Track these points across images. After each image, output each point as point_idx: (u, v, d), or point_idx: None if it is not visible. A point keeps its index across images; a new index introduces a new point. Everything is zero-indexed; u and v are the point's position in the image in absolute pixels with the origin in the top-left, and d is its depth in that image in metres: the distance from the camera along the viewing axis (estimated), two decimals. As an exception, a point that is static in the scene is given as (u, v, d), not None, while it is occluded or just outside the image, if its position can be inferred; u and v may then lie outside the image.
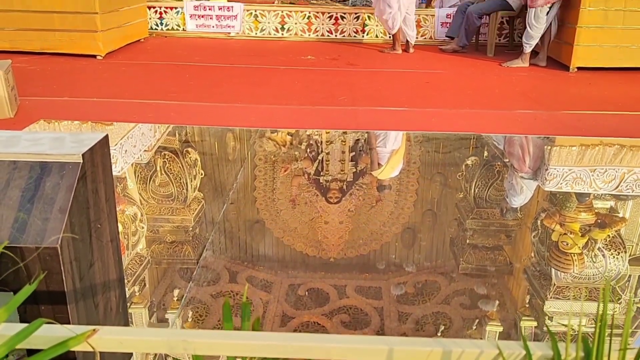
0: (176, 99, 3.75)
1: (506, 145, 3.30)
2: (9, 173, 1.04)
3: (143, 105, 3.61)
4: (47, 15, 4.77)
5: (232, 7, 6.27)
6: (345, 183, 2.72)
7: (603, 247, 2.18)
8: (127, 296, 1.73)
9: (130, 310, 1.68)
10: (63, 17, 4.78)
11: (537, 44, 5.02)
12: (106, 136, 1.19)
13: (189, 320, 1.65)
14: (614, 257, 2.11)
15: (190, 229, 2.24)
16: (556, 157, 3.14)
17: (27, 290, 0.76)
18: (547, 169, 2.93)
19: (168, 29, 6.30)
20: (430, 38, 6.23)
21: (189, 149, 3.09)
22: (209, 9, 6.27)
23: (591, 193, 2.67)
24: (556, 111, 3.71)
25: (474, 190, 2.69)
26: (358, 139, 3.36)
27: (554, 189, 2.72)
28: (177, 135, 3.31)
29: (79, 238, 1.06)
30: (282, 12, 6.32)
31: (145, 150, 3.03)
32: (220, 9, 6.27)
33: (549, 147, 3.24)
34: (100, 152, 1.15)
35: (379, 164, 3.09)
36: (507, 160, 3.10)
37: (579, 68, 4.85)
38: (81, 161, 1.06)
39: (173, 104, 3.65)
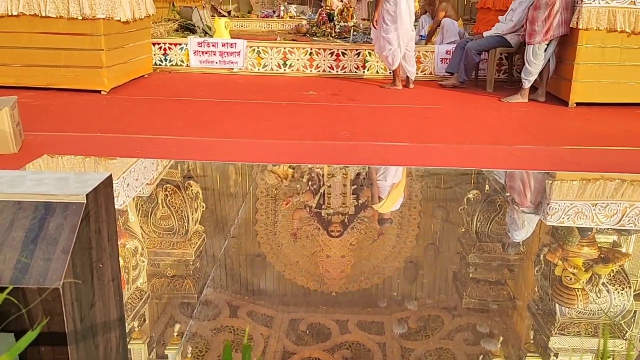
0: (179, 134, 3.79)
1: (507, 180, 3.31)
2: (13, 213, 1.05)
3: (146, 140, 3.65)
4: (53, 51, 4.86)
5: (235, 43, 6.39)
6: (346, 216, 2.73)
7: (607, 282, 2.17)
8: (127, 331, 1.72)
9: (129, 346, 1.67)
10: (69, 54, 4.87)
11: (536, 79, 5.09)
12: (110, 176, 1.20)
13: (189, 356, 1.63)
14: (618, 292, 2.10)
15: (191, 262, 2.24)
16: (557, 192, 3.15)
17: (29, 337, 0.76)
18: (548, 203, 2.94)
19: (172, 65, 6.40)
20: (430, 74, 6.32)
21: (191, 182, 3.11)
22: (213, 46, 6.38)
23: (593, 227, 2.67)
24: (556, 146, 3.74)
25: (476, 225, 2.69)
26: (359, 172, 3.38)
27: (555, 223, 2.72)
28: (179, 168, 3.33)
29: (81, 278, 1.06)
30: (285, 48, 6.43)
31: (147, 184, 3.05)
32: (223, 45, 6.39)
33: (550, 182, 3.26)
34: (103, 192, 1.16)
35: (380, 197, 3.09)
36: (508, 194, 3.11)
37: (577, 103, 4.91)
38: (85, 201, 1.07)
39: (176, 139, 3.68)
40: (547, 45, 4.93)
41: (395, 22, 5.38)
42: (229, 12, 9.60)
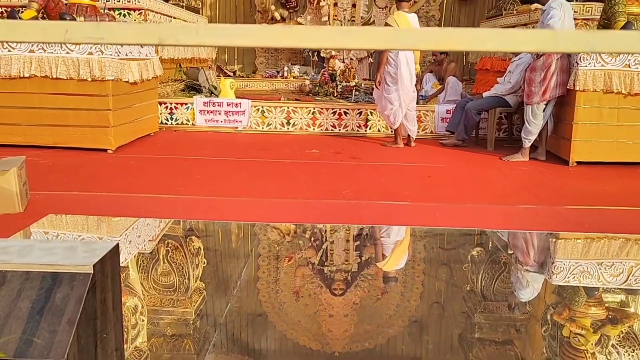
0: (183, 192, 3.82)
1: (510, 240, 3.30)
2: (21, 284, 1.05)
3: (150, 199, 3.67)
4: (62, 111, 4.97)
5: (240, 103, 6.53)
6: (350, 274, 2.71)
7: (617, 344, 2.13)
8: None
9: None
10: (77, 114, 4.97)
11: (535, 138, 5.16)
12: (117, 245, 1.21)
13: None
14: (628, 354, 2.06)
15: (191, 321, 2.21)
16: (562, 251, 3.14)
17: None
18: (553, 262, 2.92)
19: (178, 124, 6.52)
20: (431, 132, 6.42)
21: (193, 241, 3.11)
22: (218, 105, 6.52)
23: (600, 287, 2.64)
24: (558, 206, 3.75)
25: (481, 283, 2.66)
26: (362, 231, 3.38)
27: (561, 282, 2.70)
28: (181, 225, 3.33)
29: (85, 350, 1.05)
30: (288, 108, 6.56)
31: (149, 240, 3.05)
32: (228, 104, 6.53)
33: (554, 241, 3.25)
34: (110, 262, 1.17)
35: (383, 256, 3.08)
36: (512, 253, 3.09)
37: (578, 162, 4.95)
38: (92, 272, 1.08)
39: (180, 198, 3.71)
40: (546, 105, 5.03)
41: (396, 83, 5.52)
42: (234, 72, 9.86)
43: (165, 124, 6.51)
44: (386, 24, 5.59)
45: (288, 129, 6.56)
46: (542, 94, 4.96)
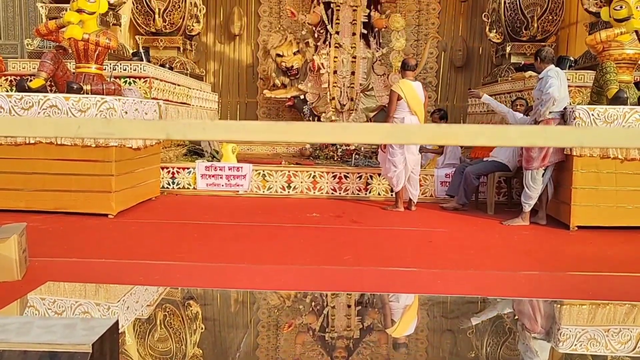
0: (183, 259, 3.80)
1: (515, 307, 3.25)
2: (17, 365, 1.04)
3: (150, 266, 3.65)
4: (65, 177, 5.02)
5: (241, 167, 6.61)
6: (351, 341, 2.65)
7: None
8: None
9: None
10: (80, 179, 5.02)
11: (535, 202, 5.19)
12: (116, 322, 1.20)
13: None
14: None
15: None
16: (567, 318, 3.08)
17: None
18: (559, 330, 2.86)
19: (179, 188, 6.57)
20: (431, 196, 6.46)
21: (191, 305, 3.06)
22: (220, 169, 6.60)
23: (608, 355, 2.58)
24: (561, 272, 3.72)
25: (486, 350, 2.60)
26: (363, 296, 3.34)
27: (568, 350, 2.63)
28: (180, 292, 3.29)
29: None
30: (289, 171, 6.63)
31: (147, 306, 3.01)
32: (230, 169, 6.60)
33: (559, 308, 3.20)
34: (109, 339, 1.16)
35: (385, 323, 3.02)
36: (518, 321, 3.04)
37: (579, 227, 4.95)
38: (90, 351, 1.06)
39: (180, 264, 3.69)
40: (545, 170, 5.09)
41: (401, 147, 5.62)
42: (235, 136, 10.01)
43: (167, 188, 6.56)
44: (392, 92, 5.75)
45: (289, 192, 6.61)
46: (541, 159, 5.03)
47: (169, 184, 6.58)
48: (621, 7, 5.16)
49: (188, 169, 6.60)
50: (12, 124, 0.64)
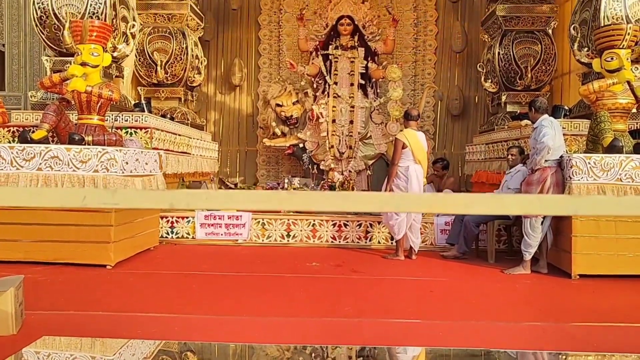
0: (181, 311, 3.75)
1: (519, 359, 3.19)
2: None
3: (147, 319, 3.60)
4: (64, 227, 5.01)
5: (240, 216, 6.61)
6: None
7: None
8: None
9: None
10: (79, 230, 5.01)
11: (536, 251, 5.17)
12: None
13: None
14: None
15: None
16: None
17: None
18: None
19: (178, 237, 6.55)
20: (431, 244, 6.43)
21: (189, 356, 3.00)
22: (219, 218, 6.60)
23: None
24: (564, 323, 3.67)
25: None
26: (364, 350, 3.27)
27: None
28: (177, 345, 3.23)
29: None
30: (288, 220, 6.63)
31: (144, 358, 2.95)
32: (229, 217, 6.60)
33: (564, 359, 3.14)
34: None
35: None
36: (521, 377, 2.97)
37: (580, 275, 4.91)
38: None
39: (178, 317, 3.64)
40: (544, 218, 5.10)
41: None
42: (235, 185, 10.07)
43: (166, 237, 6.54)
44: (397, 140, 5.83)
45: (288, 241, 6.58)
46: None
47: (168, 234, 6.56)
48: (612, 58, 5.30)
49: (187, 218, 6.59)
50: (20, 194, 0.65)
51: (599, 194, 4.86)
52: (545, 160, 4.99)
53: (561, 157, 5.10)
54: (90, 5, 6.53)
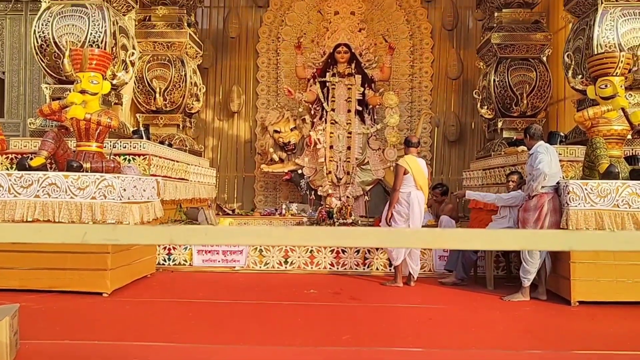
0: (177, 340, 3.71)
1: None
2: None
3: (143, 347, 3.56)
4: (60, 255, 4.98)
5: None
6: None
7: None
8: None
9: None
10: (75, 257, 4.98)
11: (535, 277, 5.14)
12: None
13: None
14: None
15: None
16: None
17: None
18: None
19: (175, 264, 6.51)
20: (430, 270, 6.40)
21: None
22: (216, 245, 6.57)
23: None
24: (565, 351, 3.63)
25: None
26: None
27: None
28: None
29: None
30: (286, 246, 6.60)
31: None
32: (226, 244, 6.57)
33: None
34: None
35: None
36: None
37: (580, 302, 4.88)
38: None
39: (174, 346, 3.60)
40: None
41: (406, 222, 5.67)
42: (233, 211, 10.05)
43: (163, 264, 6.49)
44: (398, 166, 5.86)
45: (286, 267, 6.54)
46: None
47: (165, 260, 6.52)
48: (606, 85, 5.37)
49: (184, 245, 6.57)
50: (21, 231, 0.65)
51: (596, 220, 4.87)
52: (542, 187, 5.01)
53: (557, 183, 5.12)
54: (91, 34, 6.61)
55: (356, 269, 6.52)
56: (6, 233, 0.69)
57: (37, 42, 6.73)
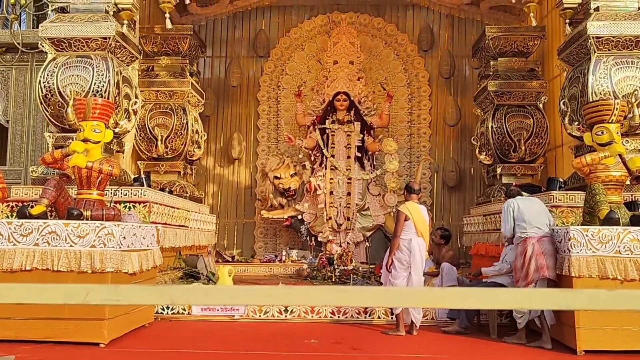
0: (175, 393, 3.62)
1: None
2: None
3: (140, 401, 3.47)
4: (57, 305, 4.90)
5: (237, 290, 6.51)
6: None
7: None
8: None
9: None
10: (72, 306, 4.90)
11: (538, 326, 5.07)
12: None
13: None
14: None
15: None
16: None
17: None
18: None
19: (174, 313, 6.41)
20: (432, 319, 6.29)
21: None
22: (215, 293, 6.48)
23: None
24: (572, 403, 3.54)
25: None
26: None
27: None
28: None
29: None
30: (286, 294, 6.52)
31: None
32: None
33: None
34: None
35: None
36: None
37: (586, 351, 4.79)
38: None
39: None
40: (535, 286, 5.18)
41: (406, 270, 5.65)
42: (232, 257, 9.99)
43: (161, 313, 6.39)
44: (399, 212, 5.88)
45: (286, 316, 6.44)
46: (525, 277, 5.19)
47: (163, 309, 6.42)
48: (602, 132, 5.43)
49: (184, 304, 6.48)
50: (23, 292, 0.66)
51: (598, 267, 4.84)
52: (523, 233, 5.28)
53: (551, 228, 5.26)
54: (95, 83, 6.75)
55: (357, 317, 6.41)
56: (9, 293, 0.69)
57: (42, 92, 6.86)
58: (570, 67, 7.27)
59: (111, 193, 6.43)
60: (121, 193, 6.60)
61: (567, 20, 6.82)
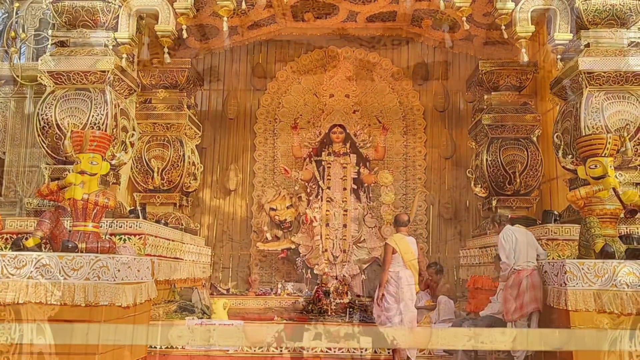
0: None
1: None
2: None
3: None
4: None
5: (232, 324, 6.44)
6: None
7: None
8: None
9: None
10: (64, 340, 4.84)
11: (536, 361, 5.04)
12: None
13: None
14: None
15: None
16: None
17: None
18: None
19: (167, 347, 6.31)
20: (429, 353, 6.22)
21: None
22: (211, 325, 6.41)
23: None
24: None
25: None
26: None
27: None
28: None
29: None
30: (281, 327, 6.45)
31: None
32: (221, 326, 6.42)
33: None
34: None
35: None
36: None
37: (584, 385, 4.73)
38: None
39: None
40: (529, 320, 5.18)
41: (397, 302, 5.64)
42: (227, 290, 9.88)
43: (155, 347, 6.30)
44: (387, 245, 5.90)
45: (281, 350, 6.35)
46: (519, 309, 5.18)
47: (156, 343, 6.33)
48: (596, 166, 5.48)
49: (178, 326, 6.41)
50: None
51: (595, 300, 4.82)
52: (518, 265, 5.33)
53: (542, 260, 5.40)
54: (92, 116, 6.79)
55: (354, 352, 6.33)
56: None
57: (40, 124, 6.89)
58: (563, 101, 7.37)
59: (107, 225, 6.41)
60: (117, 225, 6.58)
61: (559, 56, 6.95)
